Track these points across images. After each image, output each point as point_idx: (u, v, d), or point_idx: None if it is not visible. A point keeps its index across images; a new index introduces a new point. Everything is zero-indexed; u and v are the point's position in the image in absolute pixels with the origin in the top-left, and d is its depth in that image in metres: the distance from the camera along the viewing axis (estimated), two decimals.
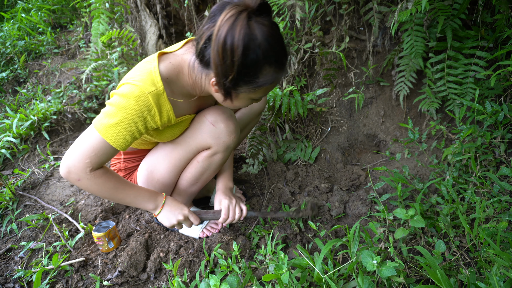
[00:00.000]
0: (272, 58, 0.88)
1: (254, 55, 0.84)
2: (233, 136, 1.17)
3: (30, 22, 3.64)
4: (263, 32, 0.83)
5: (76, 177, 0.96)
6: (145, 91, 0.92)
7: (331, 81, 1.85)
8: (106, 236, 1.30)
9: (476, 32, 1.39)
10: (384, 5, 1.59)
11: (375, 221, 1.23)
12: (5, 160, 2.05)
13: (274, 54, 0.87)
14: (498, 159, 1.29)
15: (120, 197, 1.07)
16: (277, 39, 0.87)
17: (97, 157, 0.95)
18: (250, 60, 0.85)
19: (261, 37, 0.83)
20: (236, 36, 0.81)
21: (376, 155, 1.76)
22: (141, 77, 0.95)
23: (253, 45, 0.83)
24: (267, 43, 0.84)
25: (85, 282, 1.23)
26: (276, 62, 0.90)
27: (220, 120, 1.14)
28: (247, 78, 0.89)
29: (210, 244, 1.27)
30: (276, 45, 0.87)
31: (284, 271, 0.90)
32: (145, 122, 0.96)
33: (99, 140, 0.93)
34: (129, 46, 2.43)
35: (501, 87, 1.38)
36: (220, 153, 1.20)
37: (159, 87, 0.94)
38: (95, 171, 0.97)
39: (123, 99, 0.93)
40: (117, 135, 0.93)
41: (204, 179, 1.29)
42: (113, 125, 0.92)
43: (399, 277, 0.89)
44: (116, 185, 1.04)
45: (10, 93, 3.07)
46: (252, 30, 0.82)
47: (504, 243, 0.94)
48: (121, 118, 0.92)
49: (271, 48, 0.86)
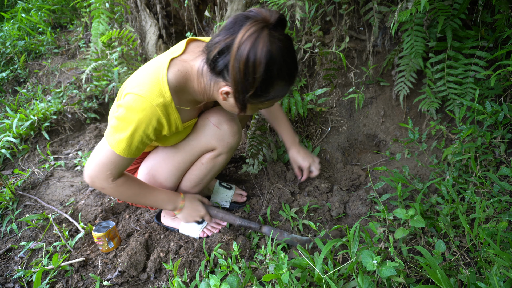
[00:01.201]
0: (285, 72, 0.89)
1: (270, 71, 0.86)
2: (237, 137, 1.19)
3: (30, 22, 3.64)
4: (279, 47, 0.84)
5: (100, 186, 1.04)
6: (153, 103, 0.92)
7: (331, 81, 1.85)
8: (106, 236, 1.30)
9: (476, 32, 1.39)
10: (384, 5, 1.59)
11: (375, 221, 1.23)
12: (5, 160, 2.05)
13: (287, 69, 0.89)
14: (498, 159, 1.29)
15: (142, 201, 1.16)
16: (291, 53, 0.89)
17: (116, 168, 1.01)
18: (268, 75, 0.86)
19: (277, 53, 0.84)
20: (259, 53, 0.82)
21: (376, 155, 1.76)
22: (148, 87, 0.94)
23: (271, 62, 0.84)
24: (282, 59, 0.86)
25: (85, 282, 1.23)
26: (288, 76, 0.91)
27: (223, 121, 1.15)
28: (260, 93, 0.91)
29: (210, 244, 1.27)
30: (290, 60, 0.89)
31: (284, 271, 0.90)
32: (154, 131, 0.98)
33: (114, 155, 0.98)
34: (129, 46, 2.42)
35: (501, 87, 1.38)
36: (224, 154, 1.21)
37: (167, 97, 0.94)
38: (116, 180, 1.05)
39: (131, 113, 0.93)
40: (130, 148, 0.97)
41: (207, 180, 1.30)
42: (125, 139, 0.95)
43: (399, 277, 0.89)
44: (137, 191, 1.12)
45: (10, 93, 3.07)
46: (271, 46, 0.83)
47: (504, 243, 0.94)
48: (132, 131, 0.94)
49: (285, 63, 0.87)
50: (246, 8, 1.82)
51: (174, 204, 1.23)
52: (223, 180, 1.74)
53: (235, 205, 1.52)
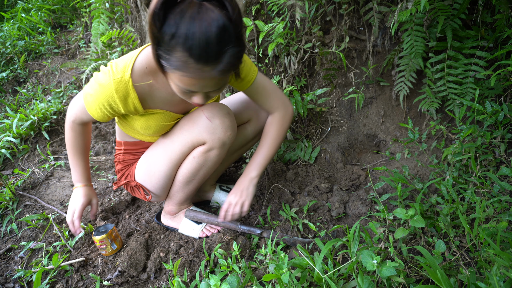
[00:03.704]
0: (189, 43, 0.80)
1: (170, 27, 0.79)
2: (229, 133, 1.17)
3: (30, 22, 3.65)
4: (203, 19, 0.78)
5: (66, 120, 1.20)
6: (111, 77, 1.01)
7: (331, 81, 1.85)
8: (108, 237, 1.29)
9: (476, 32, 1.39)
10: (384, 5, 1.59)
11: (375, 221, 1.23)
12: (5, 160, 2.05)
13: (193, 42, 0.79)
14: (498, 159, 1.29)
15: (68, 155, 1.28)
16: (206, 31, 0.79)
17: (79, 114, 1.15)
18: (164, 29, 0.80)
19: (190, 20, 0.78)
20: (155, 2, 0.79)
21: (376, 155, 1.76)
22: (120, 60, 1.04)
23: (174, 18, 0.79)
24: (192, 28, 0.78)
25: (85, 282, 1.23)
26: (193, 51, 0.80)
27: (216, 115, 1.14)
28: (160, 48, 0.84)
29: (210, 244, 1.27)
30: (200, 35, 0.79)
31: (284, 271, 0.90)
32: (111, 107, 1.06)
33: (84, 109, 1.10)
34: (129, 46, 2.42)
35: (501, 87, 1.38)
36: (215, 149, 1.19)
37: (126, 75, 1.00)
38: (75, 124, 1.18)
39: (95, 83, 1.04)
40: (94, 109, 1.08)
41: (201, 176, 1.28)
42: (92, 102, 1.06)
43: (399, 277, 0.89)
44: (71, 146, 1.24)
45: (10, 93, 3.07)
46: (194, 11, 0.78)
47: (504, 243, 0.94)
48: (94, 97, 1.05)
49: (192, 34, 0.79)
50: (246, 7, 1.82)
51: (74, 183, 1.33)
52: (223, 179, 1.74)
53: None
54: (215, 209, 1.54)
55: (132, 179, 1.33)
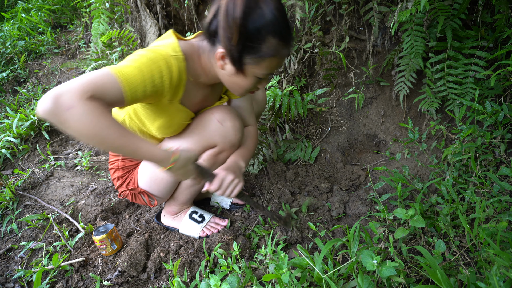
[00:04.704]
0: (275, 28, 0.88)
1: (257, 20, 0.85)
2: (239, 135, 1.19)
3: (30, 22, 3.65)
4: (269, 4, 0.85)
5: (67, 104, 0.73)
6: (168, 53, 0.92)
7: (331, 81, 1.85)
8: (108, 237, 1.29)
9: (476, 32, 1.39)
10: (384, 5, 1.59)
11: (375, 221, 1.23)
12: (5, 160, 2.05)
13: (278, 25, 0.88)
14: (498, 159, 1.29)
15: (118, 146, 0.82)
16: (282, 13, 0.88)
17: (101, 90, 0.77)
18: (252, 24, 0.85)
19: (266, 8, 0.85)
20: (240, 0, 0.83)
21: (376, 155, 1.76)
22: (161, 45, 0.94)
23: (256, 10, 0.85)
24: (271, 14, 0.86)
25: (85, 282, 1.23)
26: (280, 34, 0.89)
27: (227, 118, 1.15)
28: (250, 44, 0.89)
29: (210, 244, 1.27)
30: (281, 18, 0.88)
31: (284, 271, 0.90)
32: (161, 78, 0.88)
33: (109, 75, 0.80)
34: (129, 46, 2.42)
35: (501, 87, 1.38)
36: (225, 151, 1.21)
37: (180, 55, 0.94)
38: (93, 101, 0.76)
39: (145, 52, 0.89)
40: (131, 78, 0.82)
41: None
42: (129, 66, 0.83)
43: (399, 277, 0.89)
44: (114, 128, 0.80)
45: (10, 93, 3.07)
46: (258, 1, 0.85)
47: (504, 243, 0.94)
48: (139, 64, 0.85)
49: (276, 19, 0.87)
50: None
51: (161, 163, 0.92)
52: None
53: (235, 206, 1.52)
54: (215, 209, 1.54)
55: (135, 186, 1.29)
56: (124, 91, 0.81)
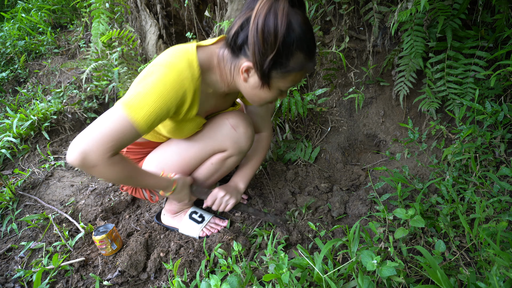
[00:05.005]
0: (304, 44, 0.89)
1: (290, 38, 0.86)
2: (250, 142, 1.21)
3: (30, 22, 3.65)
4: (297, 18, 0.86)
5: (93, 163, 0.84)
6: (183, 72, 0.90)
7: (331, 81, 1.85)
8: (108, 237, 1.29)
9: (476, 32, 1.39)
10: (384, 5, 1.59)
11: (375, 221, 1.23)
12: (5, 160, 2.05)
13: (306, 41, 0.89)
14: (498, 159, 1.29)
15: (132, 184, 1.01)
16: (309, 28, 0.89)
17: (120, 141, 0.86)
18: (288, 42, 0.86)
19: (296, 23, 0.86)
20: (280, 14, 0.82)
21: (376, 155, 1.76)
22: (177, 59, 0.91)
23: (290, 28, 0.85)
24: (300, 29, 0.86)
25: (85, 282, 1.23)
26: (308, 49, 0.91)
27: (241, 125, 1.16)
28: (280, 60, 0.89)
29: (210, 244, 1.27)
30: (308, 32, 0.89)
31: (284, 271, 0.90)
32: (176, 105, 0.92)
33: (127, 123, 0.86)
34: (129, 46, 2.42)
35: (501, 87, 1.38)
36: (234, 156, 1.22)
37: (195, 72, 0.92)
38: (114, 157, 0.88)
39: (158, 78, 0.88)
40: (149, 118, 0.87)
41: (213, 180, 1.31)
42: (144, 106, 0.86)
43: (399, 277, 0.89)
44: (131, 173, 0.97)
45: (10, 93, 3.07)
46: (289, 15, 0.85)
47: (504, 243, 0.94)
48: (154, 98, 0.87)
49: (304, 34, 0.87)
50: None
51: (165, 190, 1.13)
52: (223, 179, 1.74)
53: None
54: None
55: None
56: (142, 132, 0.90)
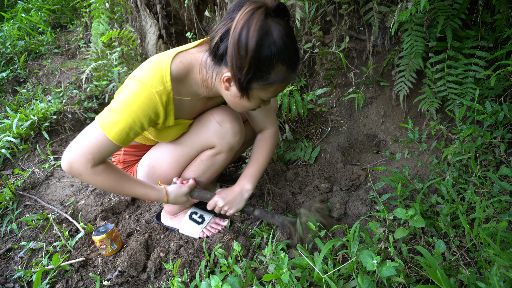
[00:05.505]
0: (285, 56, 0.89)
1: (268, 50, 0.85)
2: (238, 137, 1.19)
3: (30, 22, 3.65)
4: (278, 30, 0.85)
5: (78, 172, 0.96)
6: (153, 90, 0.94)
7: (331, 81, 1.85)
8: (108, 237, 1.29)
9: (476, 32, 1.39)
10: (384, 5, 1.59)
11: (375, 221, 1.23)
12: (5, 160, 2.05)
13: (287, 53, 0.88)
14: (498, 159, 1.29)
15: (120, 192, 1.08)
16: (291, 39, 0.89)
17: (99, 153, 0.95)
18: (264, 54, 0.86)
19: (276, 35, 0.85)
20: (252, 28, 0.82)
21: (376, 155, 1.76)
22: (151, 74, 0.96)
23: (267, 40, 0.85)
24: (281, 41, 0.86)
25: (85, 282, 1.23)
26: (289, 61, 0.91)
27: (227, 120, 1.15)
28: (259, 73, 0.90)
29: (210, 244, 1.27)
30: (290, 45, 0.89)
31: (284, 271, 0.90)
32: (149, 120, 0.97)
33: (103, 138, 0.94)
34: (129, 46, 2.42)
35: (501, 87, 1.38)
36: (223, 153, 1.21)
37: (167, 86, 0.96)
38: (96, 166, 0.97)
39: (130, 98, 0.93)
40: (121, 133, 0.94)
41: (206, 178, 1.29)
42: (118, 123, 0.93)
43: (399, 277, 0.89)
44: (116, 183, 1.04)
45: (10, 93, 3.07)
46: (268, 26, 0.84)
47: (504, 243, 0.94)
48: (127, 116, 0.93)
49: (285, 46, 0.87)
50: None
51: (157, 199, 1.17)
52: (223, 180, 1.74)
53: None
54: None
55: None
56: (120, 144, 0.96)
